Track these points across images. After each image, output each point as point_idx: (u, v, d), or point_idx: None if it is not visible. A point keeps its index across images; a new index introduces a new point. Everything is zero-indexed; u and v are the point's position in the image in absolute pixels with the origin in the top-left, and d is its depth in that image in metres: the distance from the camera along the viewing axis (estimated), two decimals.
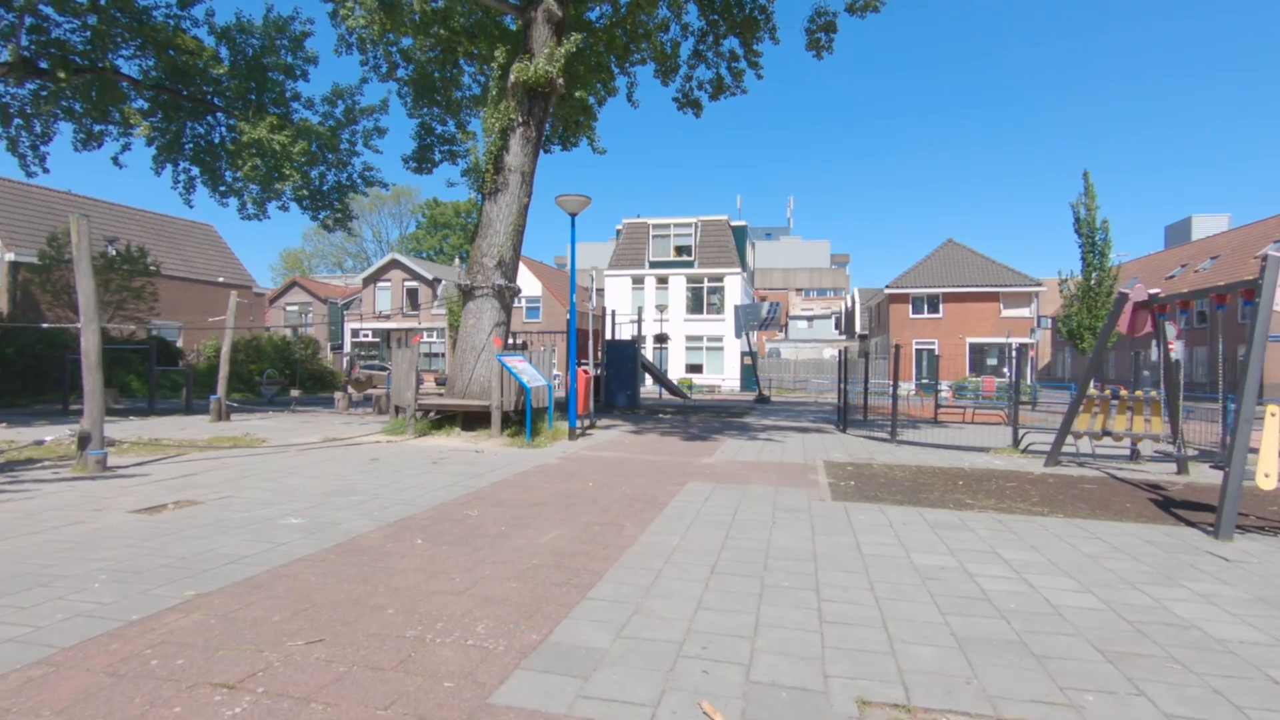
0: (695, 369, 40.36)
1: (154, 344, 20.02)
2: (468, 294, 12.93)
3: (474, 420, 12.47)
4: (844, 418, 15.23)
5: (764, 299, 48.80)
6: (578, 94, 14.73)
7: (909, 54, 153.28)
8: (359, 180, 19.44)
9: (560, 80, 12.74)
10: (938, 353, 37.49)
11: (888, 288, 42.21)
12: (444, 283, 43.53)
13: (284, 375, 26.85)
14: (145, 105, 16.67)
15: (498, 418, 11.72)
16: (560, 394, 13.48)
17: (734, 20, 16.09)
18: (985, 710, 2.81)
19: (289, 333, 34.41)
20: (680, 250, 41.23)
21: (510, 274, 13.10)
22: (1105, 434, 9.93)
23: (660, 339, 34.69)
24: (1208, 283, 37.43)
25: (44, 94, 15.07)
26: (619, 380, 20.73)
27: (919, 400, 25.80)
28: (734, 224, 41.88)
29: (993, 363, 39.75)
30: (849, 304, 68.40)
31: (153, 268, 24.78)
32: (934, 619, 3.81)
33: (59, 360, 17.80)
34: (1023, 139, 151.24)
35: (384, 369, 34.41)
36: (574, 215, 12.12)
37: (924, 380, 36.80)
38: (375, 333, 47.14)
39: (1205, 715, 2.82)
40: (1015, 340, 37.14)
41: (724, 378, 39.53)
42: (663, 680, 3.02)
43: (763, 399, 27.22)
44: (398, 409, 12.69)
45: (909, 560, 4.97)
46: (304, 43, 17.89)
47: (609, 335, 24.47)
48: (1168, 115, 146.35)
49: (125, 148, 16.56)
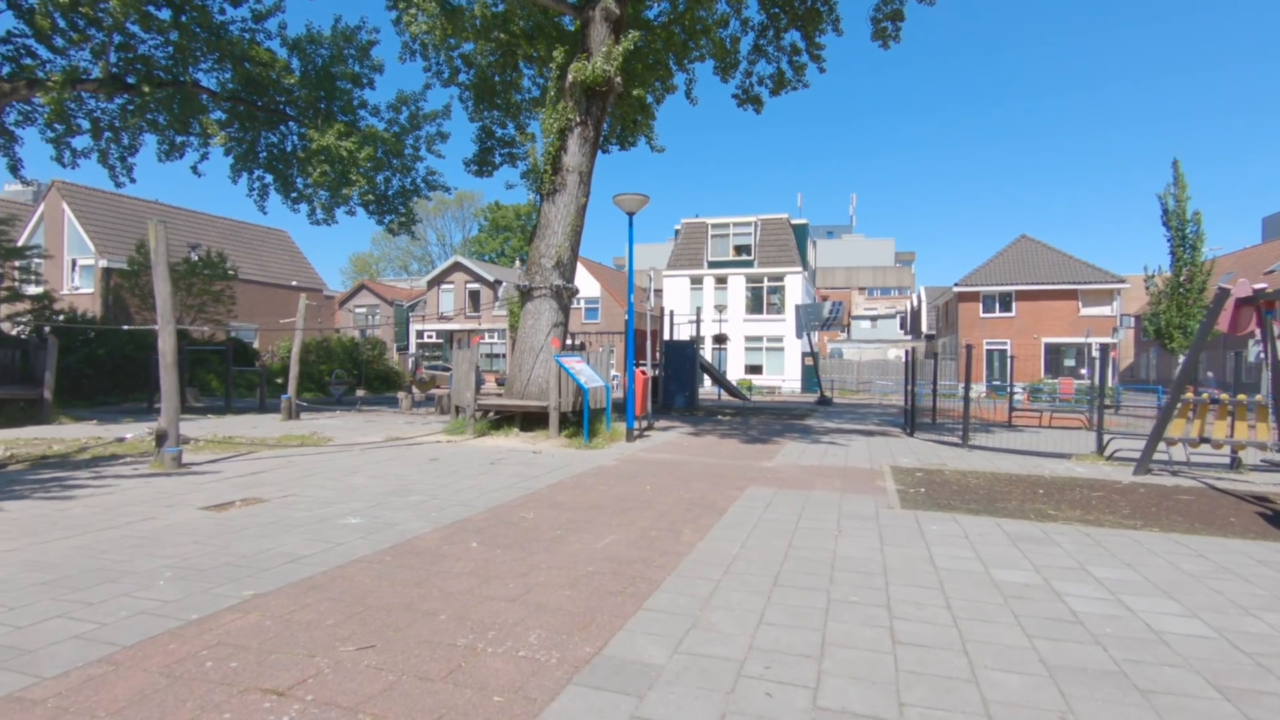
0: (755, 370, 39.79)
1: (230, 345, 20.86)
2: (526, 295, 12.97)
3: (532, 421, 12.49)
4: (911, 421, 14.65)
5: (825, 298, 47.77)
6: (635, 92, 14.62)
7: (977, 38, 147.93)
8: (422, 185, 19.82)
9: (618, 79, 12.64)
10: (1010, 353, 35.85)
11: (956, 286, 40.70)
12: (504, 284, 44.19)
13: (352, 375, 27.67)
14: (223, 116, 17.38)
15: (555, 419, 11.69)
16: (618, 395, 13.39)
17: (795, 13, 15.70)
18: None
19: (357, 334, 35.48)
20: (740, 250, 40.72)
21: (568, 274, 13.08)
22: (1203, 440, 9.19)
23: (719, 339, 34.30)
24: None
25: (130, 108, 15.87)
26: (677, 381, 20.53)
27: (991, 403, 24.73)
28: (794, 222, 41.11)
29: (1070, 364, 37.84)
30: (914, 303, 66.37)
31: (231, 272, 25.88)
32: (1020, 643, 3.50)
33: (145, 360, 18.71)
34: (1102, 127, 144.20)
35: (447, 369, 35.08)
36: (632, 214, 12.00)
37: (996, 382, 35.32)
38: (439, 334, 48.22)
39: None
40: (1096, 340, 35.29)
41: (784, 379, 38.84)
42: (723, 703, 2.82)
43: (825, 401, 26.58)
44: (458, 409, 12.83)
45: (988, 576, 4.63)
46: (370, 51, 18.36)
47: (667, 336, 24.29)
48: (1262, 99, 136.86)
49: (203, 157, 17.32)
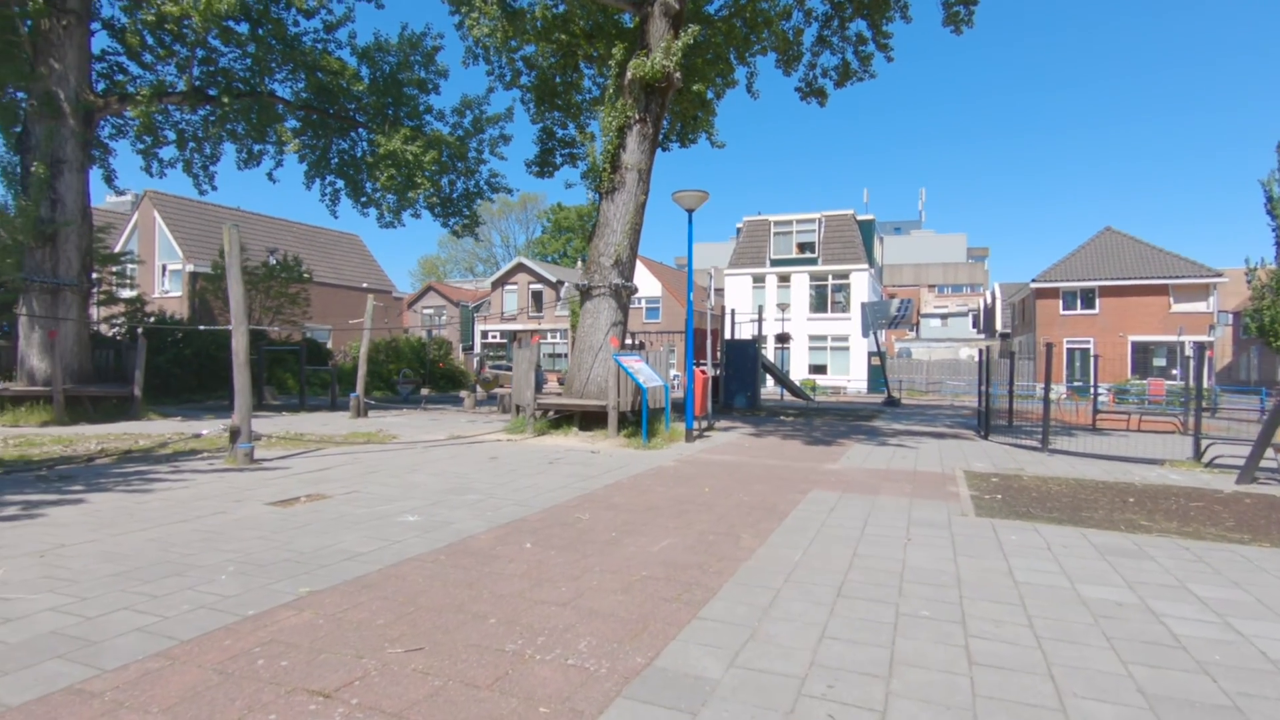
0: (819, 370, 38.96)
1: (304, 345, 21.67)
2: (585, 294, 12.95)
3: (591, 420, 12.46)
4: (986, 423, 13.97)
5: (893, 296, 46.37)
6: (695, 87, 14.43)
7: (1053, 17, 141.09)
8: (485, 187, 20.12)
9: (677, 74, 12.48)
10: (1094, 352, 33.99)
11: (1034, 282, 38.84)
12: (566, 284, 44.62)
13: (418, 375, 28.38)
14: (296, 124, 18.03)
15: (614, 418, 11.62)
16: (678, 394, 13.23)
17: (861, 2, 15.21)
18: None
19: (424, 334, 36.41)
20: (803, 247, 39.95)
21: (627, 273, 13.00)
22: None
23: (782, 339, 33.70)
24: None
25: (212, 119, 16.64)
26: (738, 381, 20.22)
27: (1072, 404, 23.46)
28: (860, 218, 40.06)
29: (1160, 363, 35.59)
30: (988, 300, 63.79)
31: (306, 275, 26.90)
32: (1113, 668, 3.18)
33: (227, 360, 19.58)
34: (1195, 108, 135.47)
35: (510, 368, 35.64)
36: (691, 211, 11.82)
37: (1077, 382, 33.55)
38: (503, 334, 49.05)
39: None
40: (1190, 338, 33.09)
41: (849, 379, 37.89)
42: None
43: (892, 401, 25.75)
44: (518, 408, 12.91)
45: (1075, 592, 4.27)
46: (435, 57, 18.74)
47: (728, 335, 23.97)
48: None
49: (278, 164, 18.02)
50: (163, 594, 3.92)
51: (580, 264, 48.34)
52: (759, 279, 40.56)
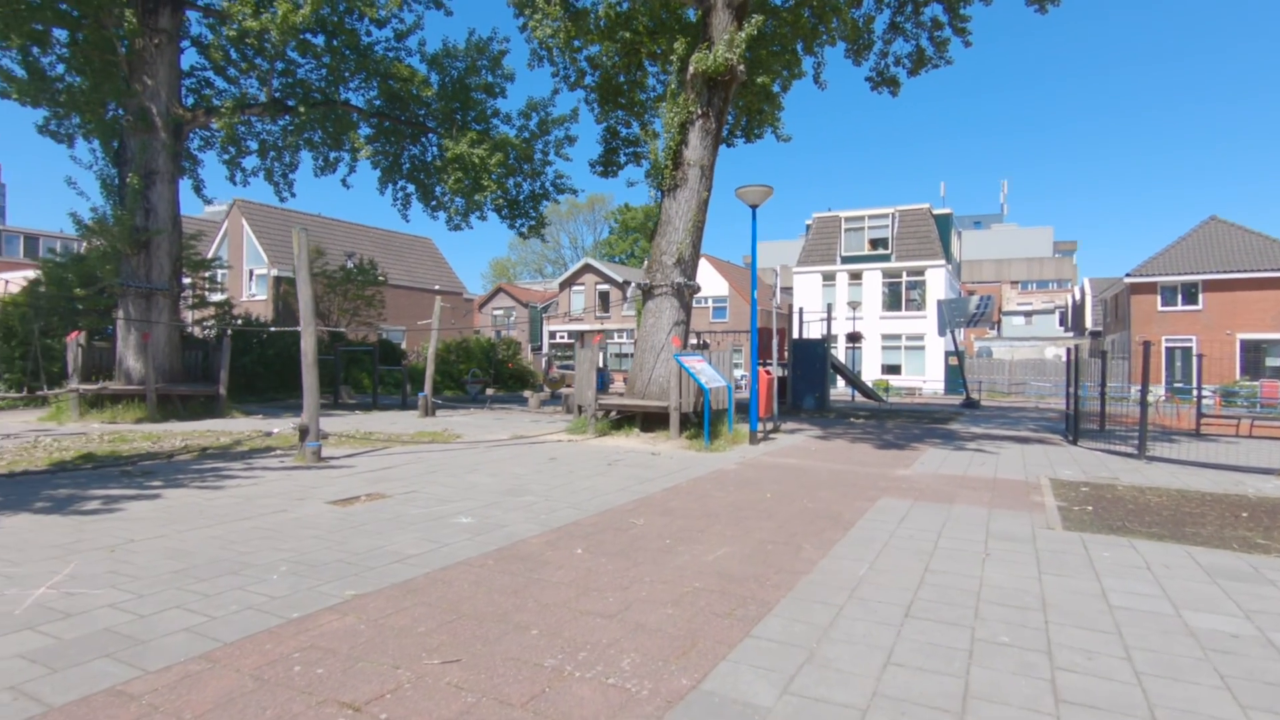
0: (892, 370, 37.66)
1: (377, 346, 22.33)
2: (647, 293, 12.80)
3: (653, 421, 12.29)
4: (1075, 427, 13.07)
5: (972, 293, 44.42)
6: (760, 80, 14.04)
7: None
8: (551, 188, 20.22)
9: (740, 67, 12.16)
10: (1197, 351, 31.57)
11: (1129, 276, 36.40)
12: (632, 284, 44.67)
13: (487, 375, 28.89)
14: (369, 132, 18.56)
15: (675, 419, 11.42)
16: (742, 395, 12.91)
17: None
18: None
19: (493, 335, 37.11)
20: (875, 243, 38.71)
21: (689, 271, 12.76)
22: None
23: (853, 338, 32.69)
24: None
25: (290, 128, 17.29)
26: (806, 381, 19.67)
27: (1172, 408, 21.82)
28: (936, 212, 38.51)
29: (1275, 363, 32.75)
30: (1076, 297, 60.36)
31: (381, 278, 27.79)
32: (1228, 713, 2.77)
33: None
34: None
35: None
36: (755, 207, 11.49)
37: (1178, 384, 31.27)
38: (570, 334, 49.52)
39: None
40: None
41: (925, 379, 36.46)
42: None
43: (971, 403, 24.57)
44: (580, 408, 12.86)
45: (1180, 620, 3.81)
46: (501, 61, 18.94)
47: (796, 334, 23.38)
48: None
49: (351, 170, 18.54)
50: (215, 593, 3.95)
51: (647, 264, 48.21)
52: (829, 277, 39.55)
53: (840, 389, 30.98)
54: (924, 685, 2.98)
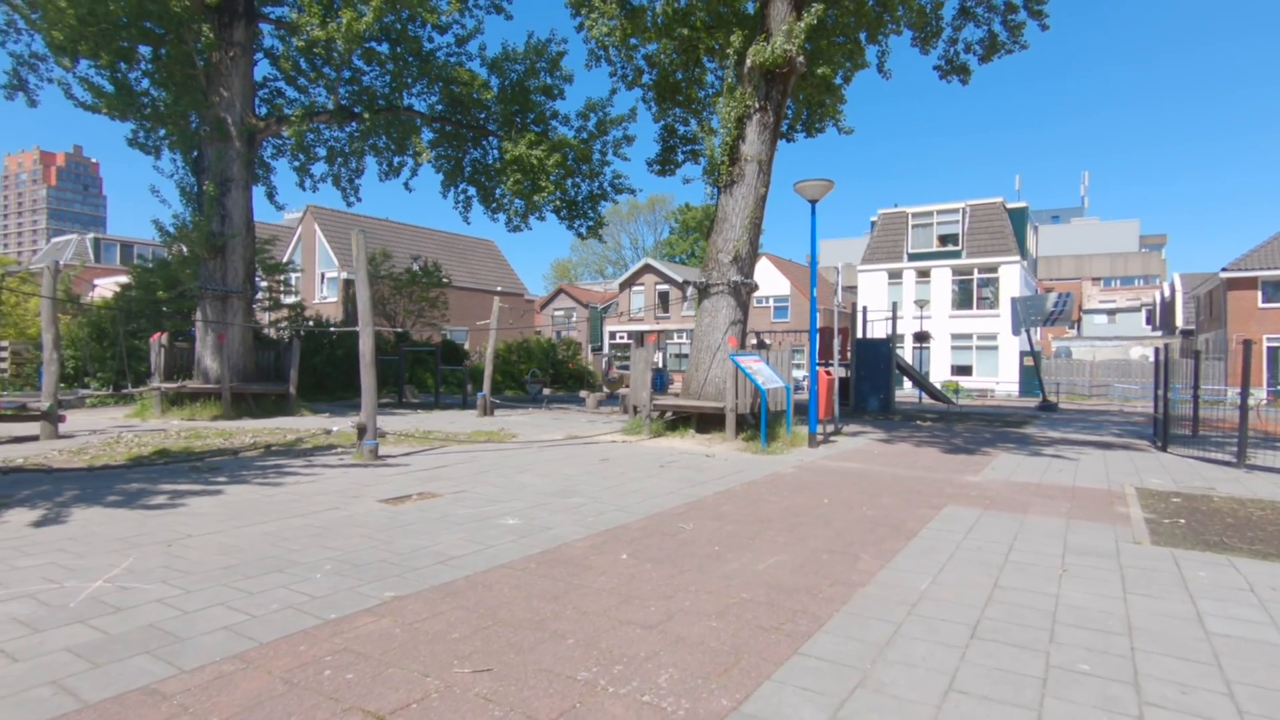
0: (963, 371, 36.22)
1: (439, 346, 22.78)
2: (703, 292, 12.58)
3: (708, 422, 12.06)
4: (1164, 432, 12.18)
5: (1049, 290, 42.34)
6: (820, 71, 13.62)
7: None
8: (609, 188, 20.19)
9: (800, 59, 11.80)
10: None
11: (1225, 271, 33.97)
12: (691, 285, 44.44)
13: (547, 374, 29.14)
14: (432, 136, 18.92)
15: (732, 420, 11.16)
16: (802, 396, 12.55)
17: None
18: None
19: (554, 335, 37.46)
20: (944, 240, 37.30)
21: (747, 269, 12.48)
22: None
23: (920, 337, 31.55)
24: None
25: (356, 135, 17.79)
26: (870, 382, 19.04)
27: (1275, 412, 20.21)
28: (1011, 206, 36.85)
29: None
30: (1165, 293, 56.83)
31: (445, 280, 28.39)
32: None
33: (372, 360, 20.94)
34: None
35: None
36: (814, 202, 11.12)
37: None
38: (630, 334, 49.60)
39: None
40: None
41: (998, 381, 34.92)
42: None
43: (1048, 406, 23.34)
44: (635, 409, 12.74)
45: None
46: (560, 62, 19.02)
47: (860, 334, 22.69)
48: None
49: (414, 173, 18.93)
50: (259, 591, 3.97)
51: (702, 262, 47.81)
52: (895, 274, 38.34)
53: (906, 390, 30.00)
54: (991, 717, 2.70)
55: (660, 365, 38.85)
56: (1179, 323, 49.95)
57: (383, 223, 35.20)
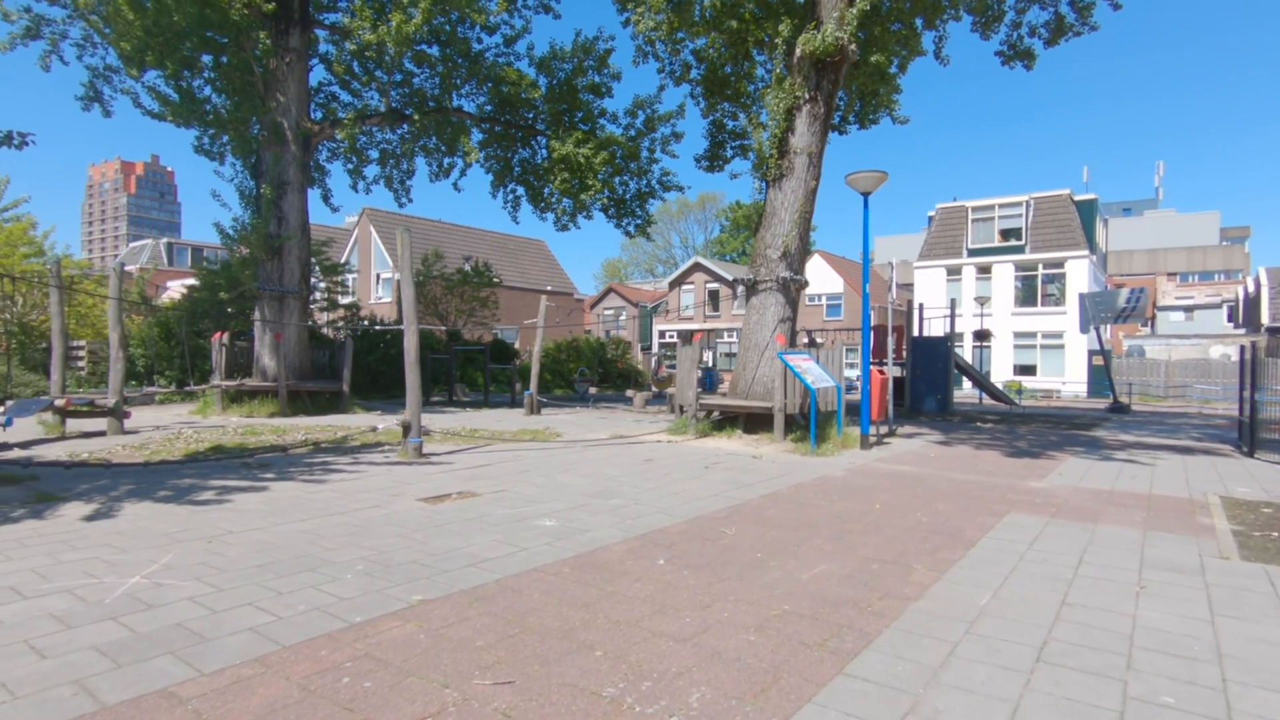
0: (1026, 370, 34.78)
1: (488, 345, 22.97)
2: (751, 289, 12.29)
3: (756, 422, 11.76)
4: (1251, 436, 11.34)
5: (1120, 286, 40.33)
6: (874, 59, 13.13)
7: None
8: (658, 186, 20.01)
9: (852, 46, 11.40)
10: None
11: None
12: (739, 282, 43.95)
13: (595, 374, 29.13)
14: (481, 137, 19.05)
15: (780, 421, 10.84)
16: (854, 396, 12.14)
17: None
18: None
19: (603, 334, 37.49)
20: (1007, 234, 35.88)
21: (796, 265, 12.13)
22: None
23: (981, 336, 30.38)
24: None
25: (407, 136, 18.04)
26: (927, 382, 18.37)
27: None
28: (1078, 198, 35.21)
29: None
30: (1249, 288, 53.48)
31: (496, 280, 28.65)
32: None
33: (426, 360, 21.26)
34: None
35: None
36: (867, 195, 10.71)
37: None
38: (680, 333, 49.35)
39: None
40: None
41: (1064, 381, 33.40)
42: None
43: (1119, 407, 22.15)
44: (681, 408, 12.53)
45: None
46: (607, 60, 18.91)
47: (917, 332, 21.95)
48: None
49: (463, 174, 19.10)
50: (289, 590, 3.92)
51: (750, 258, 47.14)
52: (954, 271, 37.08)
53: (965, 391, 28.95)
54: None
55: (710, 364, 38.49)
56: (1265, 319, 46.96)
57: (436, 224, 35.81)
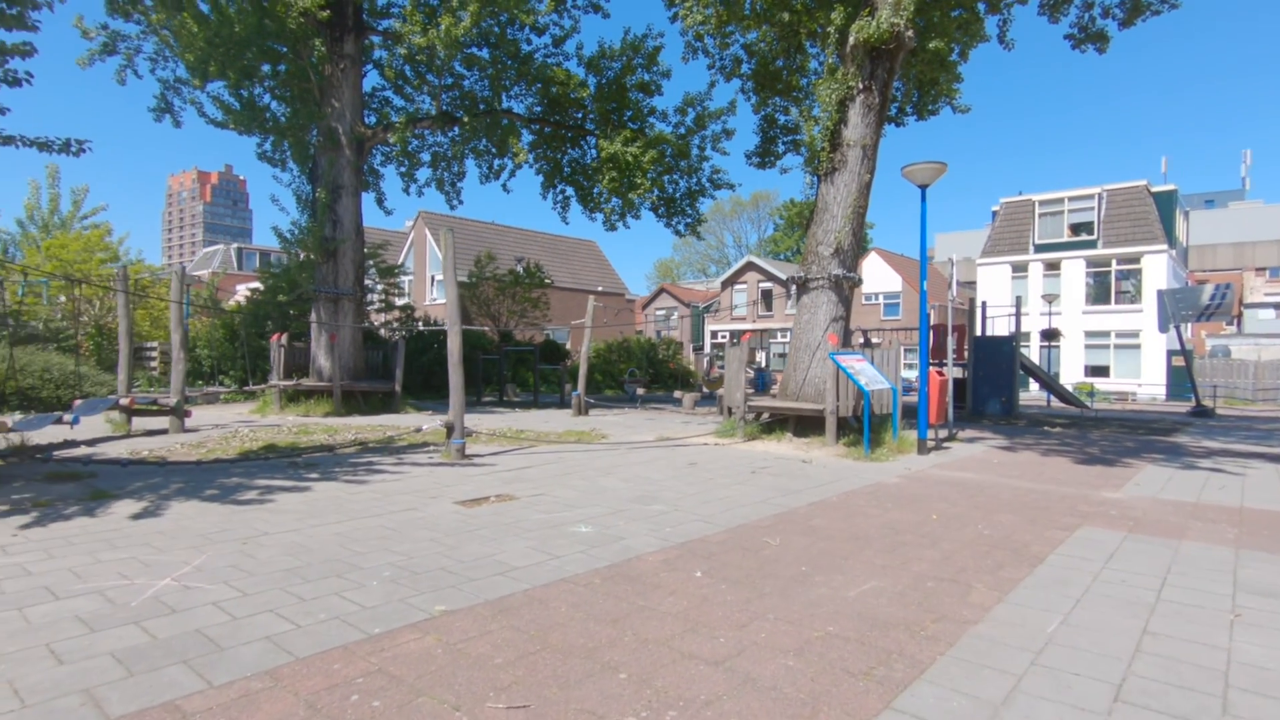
0: (1098, 372, 33.08)
1: (538, 346, 23.04)
2: (802, 287, 11.89)
3: (807, 425, 11.36)
4: None
5: (1203, 282, 37.97)
6: (932, 45, 12.54)
7: None
8: (708, 184, 19.72)
9: (909, 33, 10.90)
10: None
11: None
12: (791, 281, 43.13)
13: (646, 374, 28.96)
14: (531, 138, 19.10)
15: (832, 424, 10.43)
16: (911, 399, 11.62)
17: None
18: None
19: (654, 335, 37.30)
20: (1077, 228, 34.21)
21: (849, 263, 11.68)
22: None
23: (1049, 335, 28.99)
24: None
25: (457, 139, 18.21)
26: (990, 384, 17.56)
27: None
28: (1156, 190, 33.30)
29: None
30: None
31: (547, 280, 28.78)
32: None
33: (478, 360, 21.47)
34: None
35: None
36: (924, 187, 10.21)
37: None
38: (732, 333, 48.79)
39: None
40: None
41: (1140, 383, 31.64)
42: None
43: (1203, 411, 20.77)
44: (729, 410, 12.22)
45: None
46: (657, 57, 18.71)
47: (980, 331, 21.03)
48: None
49: (512, 174, 19.17)
50: (312, 597, 3.83)
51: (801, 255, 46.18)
52: (1020, 268, 35.56)
53: (1032, 393, 27.73)
54: None
55: (763, 365, 37.88)
56: None
57: (489, 226, 36.26)
